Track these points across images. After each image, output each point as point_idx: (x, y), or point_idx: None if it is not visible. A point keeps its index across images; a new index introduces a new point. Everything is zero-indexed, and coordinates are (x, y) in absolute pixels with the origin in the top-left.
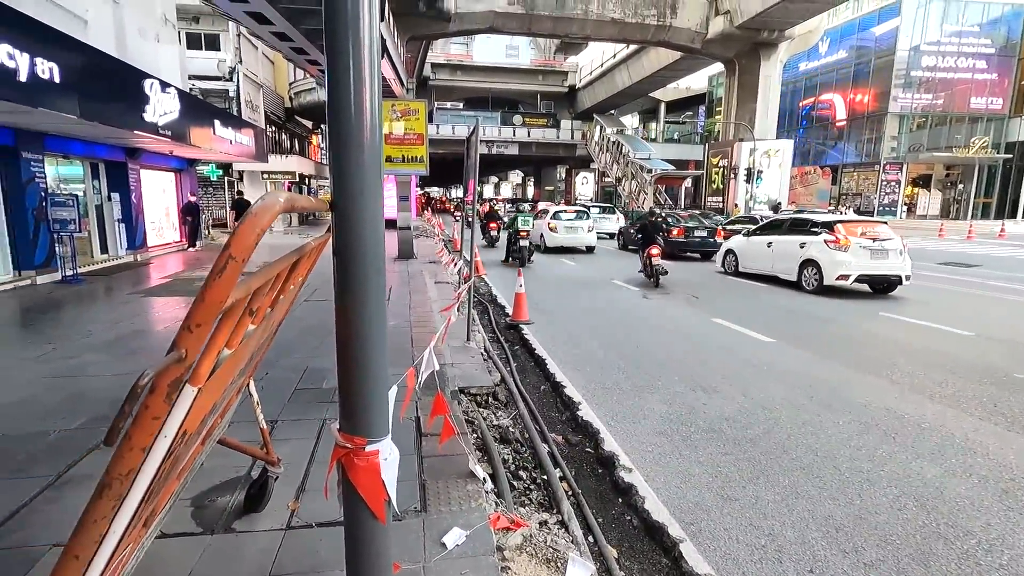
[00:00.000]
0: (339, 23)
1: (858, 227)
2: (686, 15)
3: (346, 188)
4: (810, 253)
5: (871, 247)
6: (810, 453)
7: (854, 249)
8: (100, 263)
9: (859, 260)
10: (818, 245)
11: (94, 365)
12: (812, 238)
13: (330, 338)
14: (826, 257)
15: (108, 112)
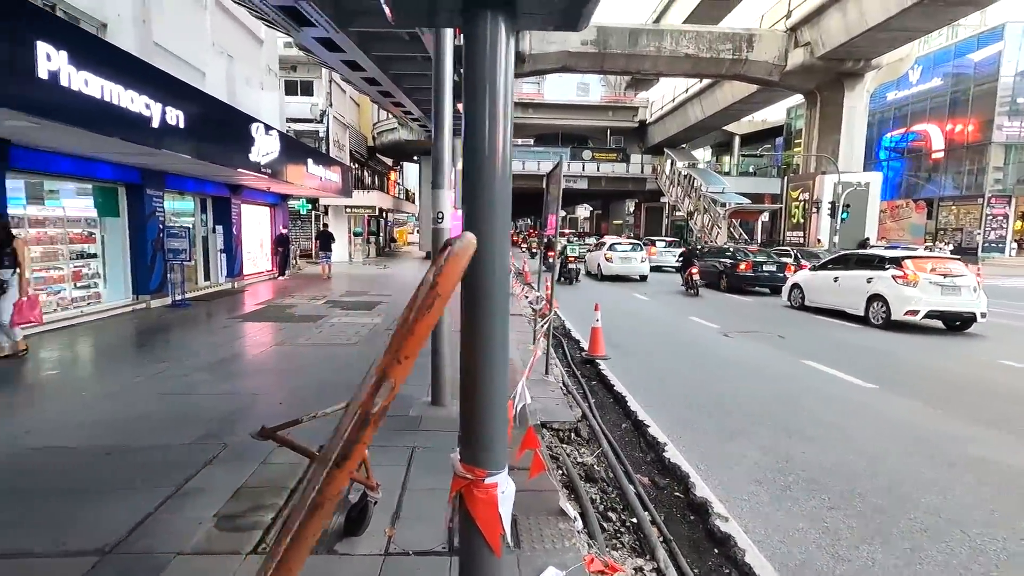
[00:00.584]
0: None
1: (928, 263)
2: (763, 48)
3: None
4: (877, 288)
5: (942, 283)
6: (931, 514)
7: (923, 285)
8: (203, 289)
9: (928, 296)
10: (886, 280)
11: (202, 384)
12: (880, 273)
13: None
14: (894, 292)
15: (221, 153)
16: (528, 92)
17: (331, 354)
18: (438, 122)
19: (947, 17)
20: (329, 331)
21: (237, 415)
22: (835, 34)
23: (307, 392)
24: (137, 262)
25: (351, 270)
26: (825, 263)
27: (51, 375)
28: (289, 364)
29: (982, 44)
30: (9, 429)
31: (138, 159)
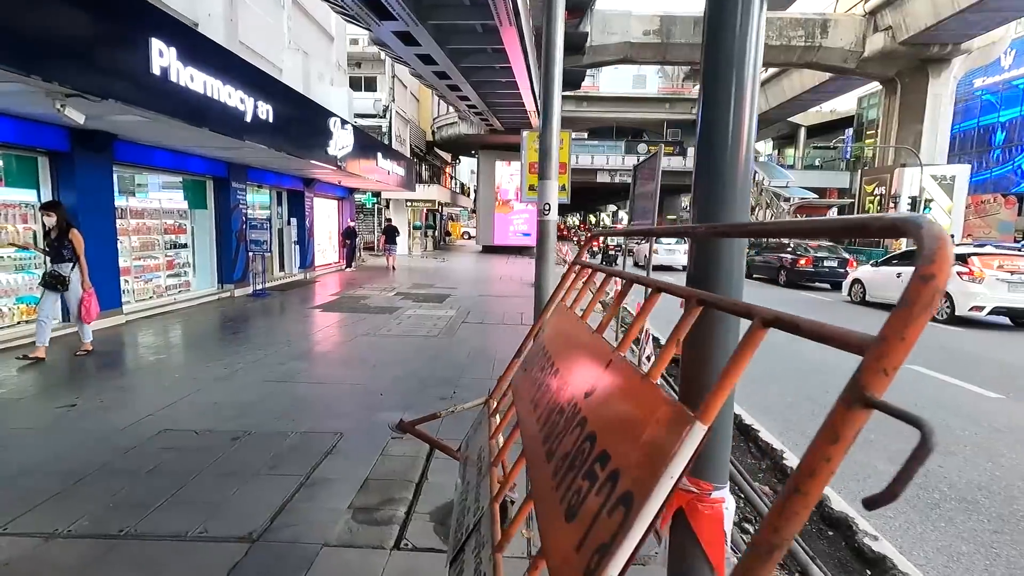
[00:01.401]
0: (721, 58)
1: (995, 260)
2: (839, 34)
3: (713, 212)
4: (948, 288)
5: (1009, 280)
6: None
7: (989, 281)
8: (278, 279)
9: (995, 292)
10: (954, 278)
11: (301, 372)
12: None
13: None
14: (959, 288)
15: (303, 146)
16: (584, 85)
17: (417, 346)
18: (547, 111)
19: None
20: (408, 323)
21: (344, 405)
22: (921, 16)
23: (405, 384)
24: (222, 252)
25: (411, 263)
26: (888, 258)
27: (160, 359)
28: (379, 355)
29: None
30: (134, 413)
31: (225, 153)
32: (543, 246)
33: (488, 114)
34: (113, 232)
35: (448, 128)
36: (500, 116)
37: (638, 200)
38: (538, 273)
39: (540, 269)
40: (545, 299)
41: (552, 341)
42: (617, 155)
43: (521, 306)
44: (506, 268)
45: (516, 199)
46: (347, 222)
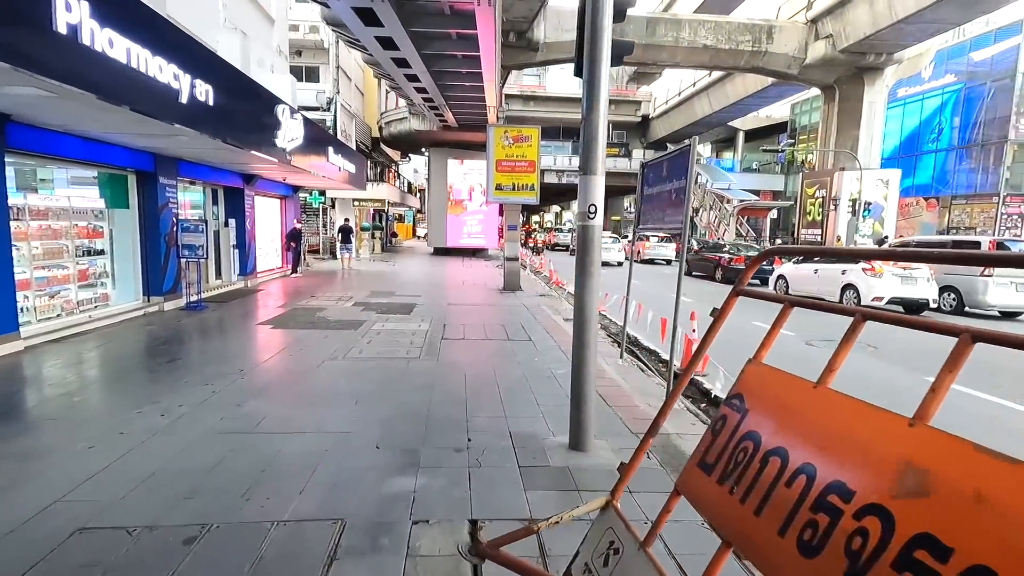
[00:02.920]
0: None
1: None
2: (783, 40)
3: None
4: (850, 279)
5: (902, 275)
6: None
7: (887, 276)
8: (215, 289)
9: (891, 285)
10: (856, 272)
11: (267, 417)
12: (852, 266)
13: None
14: (863, 282)
15: (248, 136)
16: (529, 84)
17: (399, 372)
18: (591, 91)
19: (981, 8)
20: (380, 341)
21: (332, 467)
22: (861, 26)
23: (402, 429)
24: (149, 259)
25: (362, 267)
26: (805, 257)
27: (71, 403)
28: (357, 386)
29: (999, 39)
30: (33, 499)
31: (153, 142)
32: (586, 258)
33: (444, 109)
34: (6, 236)
35: (397, 124)
36: (456, 111)
37: (648, 202)
38: (580, 296)
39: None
40: (589, 331)
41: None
42: (564, 155)
43: (499, 316)
44: (465, 272)
45: (469, 199)
46: (292, 223)
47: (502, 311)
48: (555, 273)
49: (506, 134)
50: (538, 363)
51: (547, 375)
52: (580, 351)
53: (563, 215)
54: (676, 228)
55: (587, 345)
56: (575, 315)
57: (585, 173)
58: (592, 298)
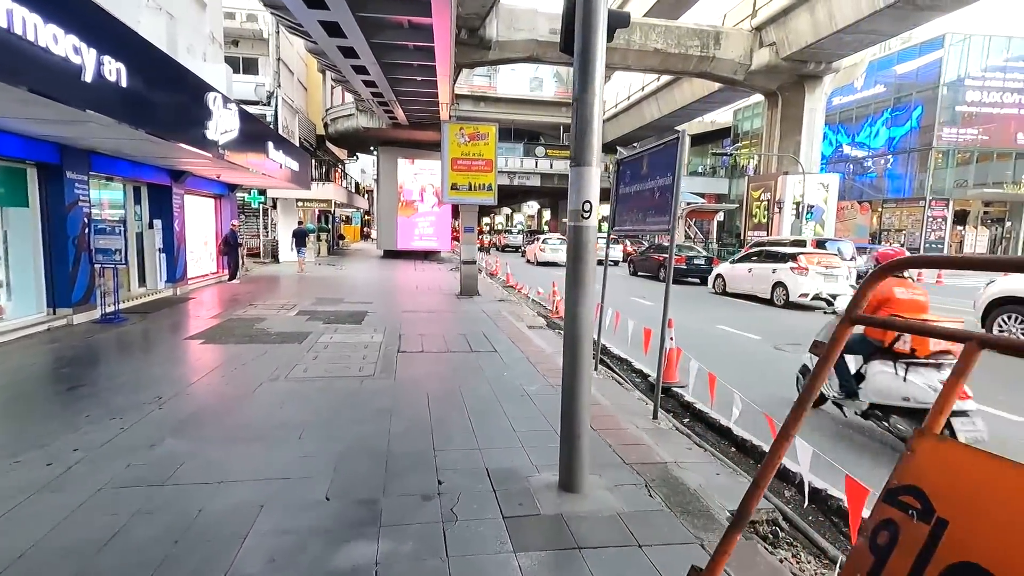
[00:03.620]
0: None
1: (815, 257)
2: (729, 46)
3: None
4: (780, 277)
5: (824, 272)
6: None
7: (812, 274)
8: (138, 298)
9: (815, 283)
10: (785, 271)
11: (185, 464)
12: (781, 265)
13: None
14: (791, 280)
15: (172, 126)
16: (480, 85)
17: (350, 394)
18: (585, 67)
19: (913, 21)
20: (327, 356)
21: (269, 533)
22: (802, 34)
23: (358, 470)
24: (54, 266)
25: (307, 271)
26: (740, 257)
27: None
28: (300, 414)
29: (924, 52)
30: None
31: (55, 129)
32: (579, 267)
33: (394, 105)
34: None
35: (344, 121)
36: (407, 108)
37: (624, 202)
38: (572, 312)
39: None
40: (582, 355)
41: None
42: (516, 157)
43: (459, 324)
44: (418, 276)
45: (420, 200)
46: (228, 225)
47: (462, 318)
48: (512, 277)
49: (462, 131)
50: (507, 379)
51: (519, 393)
52: (573, 378)
53: (514, 217)
54: (659, 230)
55: (580, 371)
56: (566, 335)
57: (578, 164)
58: (587, 315)
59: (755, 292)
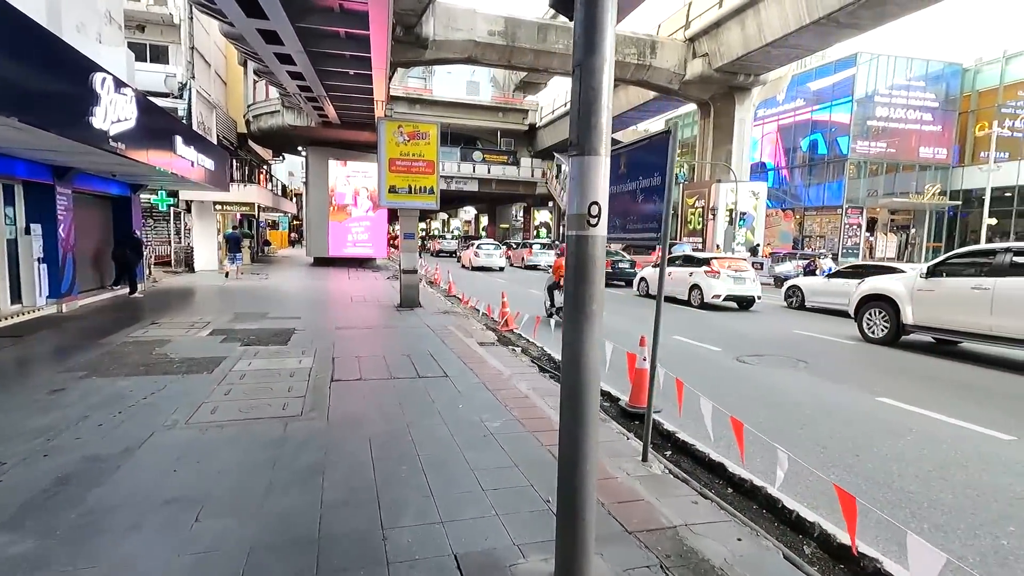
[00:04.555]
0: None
1: (727, 262)
2: (665, 56)
3: None
4: (696, 280)
5: (734, 275)
6: None
7: (723, 277)
8: (10, 317)
9: (726, 285)
10: (700, 274)
11: (54, 559)
12: (697, 269)
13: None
14: (705, 283)
15: (43, 111)
16: (415, 87)
17: (272, 445)
18: (592, 23)
19: (835, 38)
20: (243, 389)
21: None
22: (734, 47)
23: (278, 570)
24: None
25: (227, 281)
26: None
27: None
28: (201, 480)
29: (839, 69)
30: None
31: None
32: (584, 289)
33: (324, 101)
34: None
35: (268, 117)
36: (339, 105)
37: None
38: (574, 350)
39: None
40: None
41: None
42: (452, 161)
43: (401, 342)
44: (353, 286)
45: (354, 204)
46: (134, 230)
47: (404, 335)
48: (455, 285)
49: (400, 130)
50: (465, 413)
51: (481, 433)
52: (576, 444)
53: (451, 223)
54: (644, 242)
55: (585, 434)
56: (564, 384)
57: (581, 152)
58: (592, 352)
59: (675, 294)
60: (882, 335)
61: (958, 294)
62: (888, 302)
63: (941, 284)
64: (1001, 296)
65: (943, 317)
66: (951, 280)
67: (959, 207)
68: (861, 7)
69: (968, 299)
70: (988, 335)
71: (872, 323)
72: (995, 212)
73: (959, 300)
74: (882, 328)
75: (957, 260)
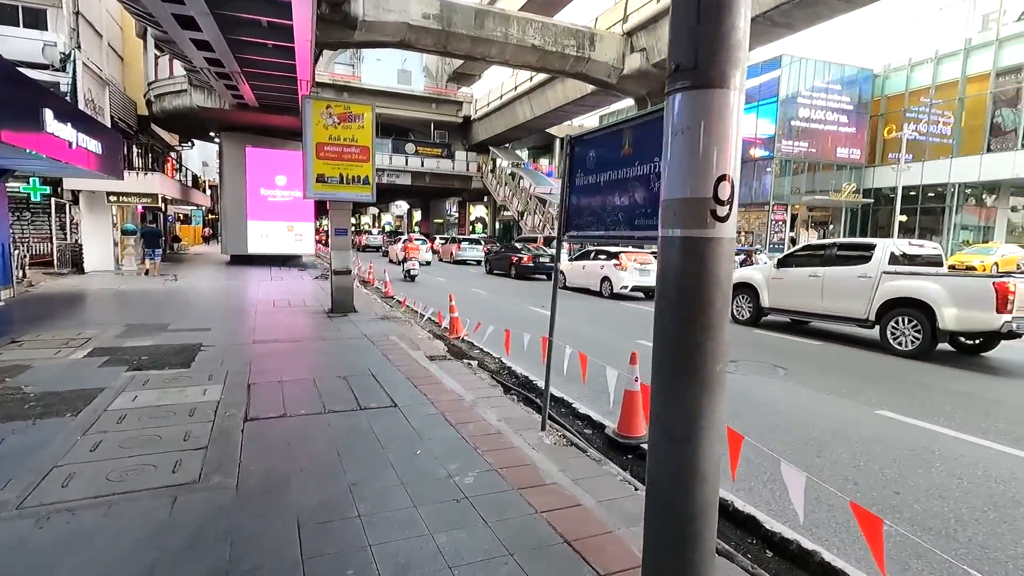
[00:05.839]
0: None
1: (633, 255)
2: (604, 49)
3: None
4: (606, 272)
5: (639, 268)
6: None
7: (630, 269)
8: None
9: (633, 277)
10: (610, 267)
11: None
12: (608, 262)
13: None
14: (614, 275)
15: None
16: (343, 73)
17: (147, 540)
18: None
19: (769, 37)
20: (117, 439)
21: None
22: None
23: None
24: None
25: (125, 284)
26: (578, 256)
27: None
28: None
29: (765, 70)
30: None
31: None
32: (698, 337)
33: (239, 79)
34: None
35: (173, 98)
36: (257, 85)
37: (586, 195)
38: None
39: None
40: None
41: None
42: (384, 153)
43: (336, 360)
44: (275, 287)
45: (277, 196)
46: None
47: (339, 350)
48: (392, 286)
49: (329, 110)
50: (425, 462)
51: (452, 495)
52: None
53: (382, 217)
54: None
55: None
56: (655, 488)
57: (700, 84)
58: (712, 450)
59: (588, 286)
60: (747, 317)
61: (800, 281)
62: (751, 289)
63: (788, 273)
64: (828, 282)
65: (791, 300)
66: (795, 270)
67: (871, 205)
68: (795, 7)
69: (807, 285)
70: (822, 314)
71: (740, 307)
72: (903, 209)
73: (801, 286)
74: (748, 311)
75: (800, 253)
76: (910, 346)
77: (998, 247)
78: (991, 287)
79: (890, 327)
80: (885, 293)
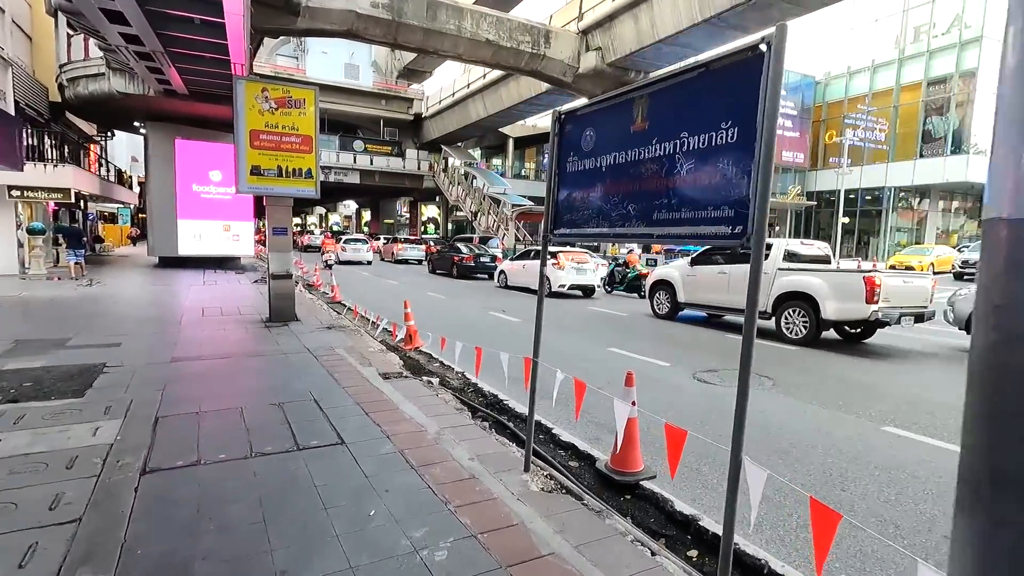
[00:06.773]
0: None
1: (571, 255)
2: (559, 47)
3: None
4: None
5: (577, 267)
6: None
7: (567, 268)
8: None
9: (570, 276)
10: (549, 267)
11: None
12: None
13: None
14: (553, 274)
15: None
16: (286, 66)
17: None
18: None
19: (723, 39)
20: None
21: None
22: (627, 42)
23: None
24: None
25: (27, 290)
26: (519, 255)
27: None
28: None
29: None
30: None
31: None
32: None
33: (164, 62)
34: None
35: (89, 82)
36: (185, 70)
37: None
38: None
39: None
40: None
41: None
42: (331, 151)
43: (270, 382)
44: (207, 293)
45: (211, 192)
46: None
47: (275, 368)
48: (339, 290)
49: (265, 94)
50: (381, 528)
51: None
52: None
53: (330, 217)
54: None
55: None
56: None
57: None
58: None
59: (528, 285)
60: (665, 311)
61: (710, 278)
62: (668, 285)
63: (700, 271)
64: (734, 279)
65: (703, 296)
66: (706, 267)
67: (815, 207)
68: (749, 8)
69: (716, 281)
70: (730, 308)
71: (659, 302)
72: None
73: (711, 282)
74: (665, 306)
75: (711, 252)
76: (799, 335)
77: (933, 248)
78: (861, 280)
79: (784, 318)
80: (779, 287)
